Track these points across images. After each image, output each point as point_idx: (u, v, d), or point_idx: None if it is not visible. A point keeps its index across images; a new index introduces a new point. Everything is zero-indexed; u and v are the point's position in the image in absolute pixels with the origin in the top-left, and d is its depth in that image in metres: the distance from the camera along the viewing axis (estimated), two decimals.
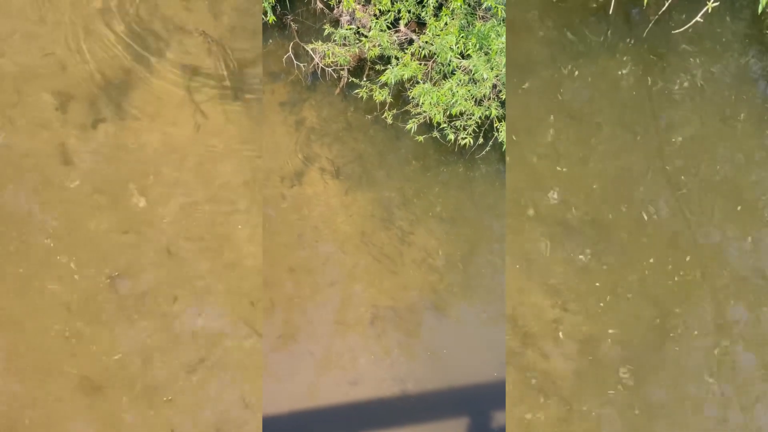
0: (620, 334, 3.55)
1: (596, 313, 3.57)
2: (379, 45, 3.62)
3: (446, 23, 3.56)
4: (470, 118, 3.59)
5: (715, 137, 3.82)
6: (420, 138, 3.70)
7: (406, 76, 3.59)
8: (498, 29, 3.48)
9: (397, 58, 3.66)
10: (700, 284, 3.64)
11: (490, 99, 3.59)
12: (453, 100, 3.54)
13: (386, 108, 3.72)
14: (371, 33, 3.61)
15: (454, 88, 3.53)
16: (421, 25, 3.72)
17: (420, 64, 3.62)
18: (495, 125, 3.60)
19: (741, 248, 3.69)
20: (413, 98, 3.64)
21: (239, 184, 3.59)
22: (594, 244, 3.64)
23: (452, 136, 3.63)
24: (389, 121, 3.72)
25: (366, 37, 3.64)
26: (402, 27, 3.70)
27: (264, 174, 3.67)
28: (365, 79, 3.75)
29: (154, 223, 3.52)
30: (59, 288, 3.42)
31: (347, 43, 3.68)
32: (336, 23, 3.75)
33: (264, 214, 3.63)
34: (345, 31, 3.66)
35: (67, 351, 3.36)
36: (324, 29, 3.68)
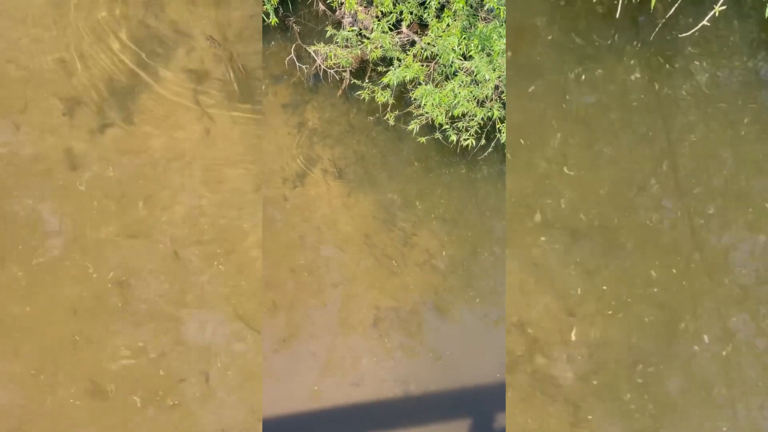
0: (628, 339, 3.53)
1: (604, 318, 3.55)
2: (381, 46, 3.62)
3: (448, 25, 3.55)
4: (472, 120, 3.58)
5: (722, 141, 3.79)
6: (422, 139, 3.70)
7: (409, 78, 3.60)
8: (500, 30, 3.47)
9: (399, 60, 3.66)
10: (708, 289, 3.61)
11: (493, 100, 3.58)
12: (455, 102, 3.53)
13: (388, 109, 3.72)
14: (373, 35, 3.62)
15: (456, 90, 3.52)
16: (423, 27, 3.72)
17: (422, 66, 3.62)
18: (497, 126, 3.59)
19: (749, 253, 3.66)
20: (415, 100, 3.64)
21: (246, 189, 3.61)
22: (602, 249, 3.63)
23: (454, 138, 3.63)
24: (391, 123, 3.72)
25: (368, 39, 3.64)
26: (404, 28, 3.70)
27: (265, 175, 3.69)
28: (367, 81, 3.76)
29: (161, 228, 3.54)
30: (67, 292, 3.43)
31: (349, 45, 3.68)
32: (338, 25, 3.76)
33: (266, 216, 3.64)
34: (347, 33, 3.66)
35: (75, 355, 3.38)
36: (326, 31, 3.69)
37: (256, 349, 3.44)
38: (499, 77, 3.51)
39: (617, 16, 3.78)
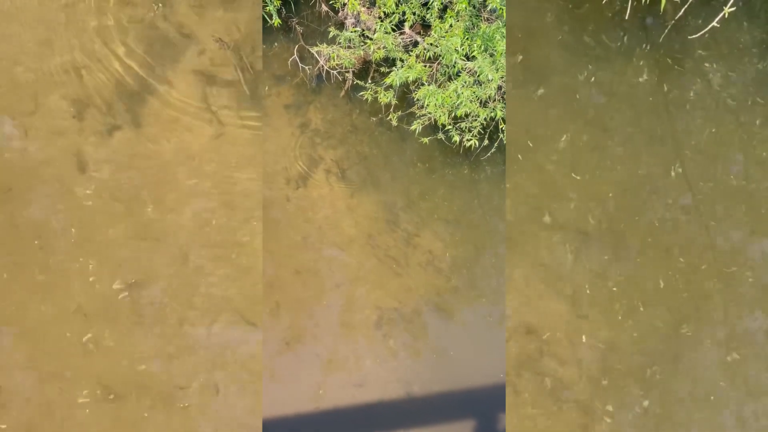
0: (637, 341, 3.51)
1: (613, 320, 3.54)
2: (384, 47, 3.62)
3: (451, 25, 3.54)
4: (475, 120, 3.58)
5: (732, 143, 3.78)
6: (425, 140, 3.69)
7: (411, 78, 3.59)
8: (503, 31, 3.46)
9: (402, 60, 3.65)
10: (718, 291, 3.60)
11: (495, 100, 3.57)
12: (458, 102, 3.53)
13: (391, 110, 3.72)
14: (376, 35, 3.62)
15: (459, 90, 3.51)
16: (426, 27, 3.71)
17: (425, 66, 3.62)
18: (500, 127, 3.58)
19: (758, 255, 3.63)
20: (418, 100, 3.63)
21: (256, 191, 3.61)
22: (611, 251, 3.62)
23: (457, 138, 3.62)
24: (394, 123, 3.72)
25: (371, 40, 3.64)
26: (407, 29, 3.70)
27: (267, 176, 3.70)
28: (370, 82, 3.76)
29: (171, 231, 3.54)
30: (76, 295, 3.44)
31: (352, 46, 3.68)
32: (341, 26, 3.76)
33: (269, 217, 3.65)
34: (350, 34, 3.66)
35: (85, 358, 3.38)
36: (329, 32, 3.69)
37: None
38: (502, 77, 3.50)
39: (626, 18, 3.77)
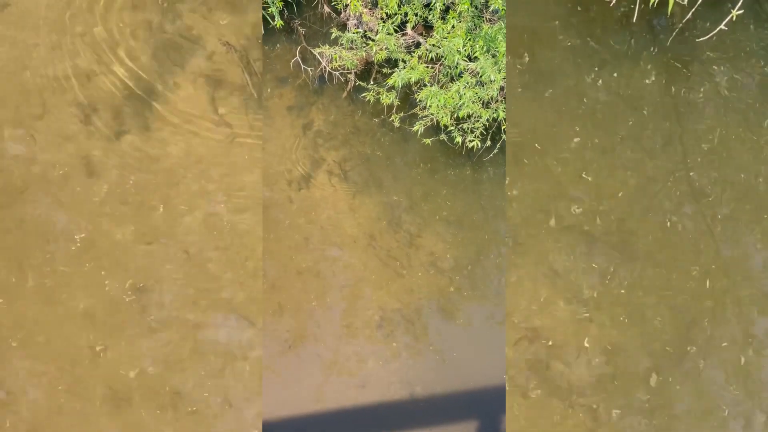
0: (645, 343, 3.50)
1: (621, 323, 3.53)
2: (386, 48, 3.62)
3: (453, 26, 3.55)
4: (477, 121, 3.57)
5: (740, 145, 3.77)
6: (427, 141, 3.69)
7: (414, 79, 3.59)
8: (505, 32, 3.45)
9: (405, 61, 3.66)
10: (725, 294, 3.59)
11: (498, 101, 3.56)
12: (460, 103, 3.53)
13: (393, 111, 3.72)
14: (378, 36, 3.62)
15: (462, 91, 3.51)
16: (428, 28, 3.72)
17: (427, 67, 3.62)
18: (503, 128, 3.57)
19: (766, 258, 3.58)
20: (420, 101, 3.64)
21: (259, 193, 3.63)
22: (618, 253, 3.61)
23: (459, 139, 3.62)
24: (396, 124, 3.72)
25: (373, 41, 3.65)
26: (409, 30, 3.70)
27: (270, 177, 3.71)
28: (372, 83, 3.76)
29: (179, 234, 3.55)
30: (84, 299, 3.44)
31: (354, 47, 3.69)
32: (343, 27, 3.77)
33: (272, 218, 3.66)
34: (352, 35, 3.67)
35: (92, 362, 3.39)
36: (331, 33, 3.70)
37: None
38: (504, 78, 3.49)
39: (634, 21, 3.75)
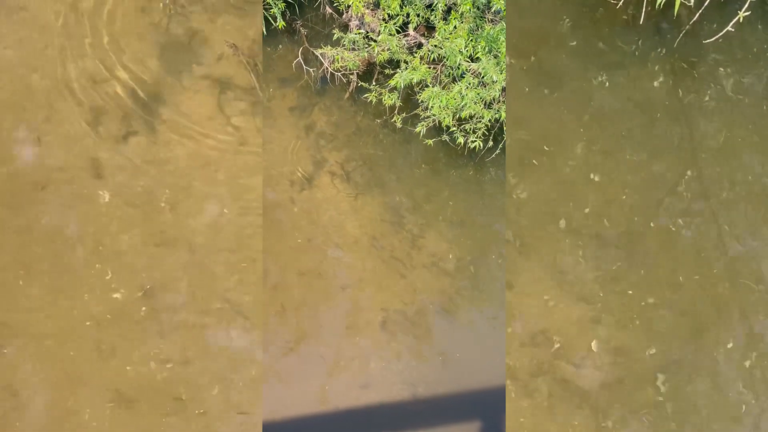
0: (653, 345, 3.50)
1: (629, 324, 3.52)
2: (388, 49, 3.63)
3: (455, 27, 3.55)
4: (480, 121, 3.57)
5: (747, 147, 3.76)
6: (429, 141, 3.69)
7: (416, 80, 3.59)
8: (505, 32, 3.44)
9: (407, 62, 3.66)
10: (733, 296, 3.58)
11: (500, 102, 3.56)
12: (462, 103, 3.52)
13: (395, 112, 3.72)
14: (380, 37, 3.63)
15: (464, 91, 3.51)
16: (430, 29, 3.72)
17: (429, 68, 3.62)
18: (505, 128, 3.56)
19: None
20: (422, 102, 3.64)
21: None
22: (626, 255, 3.61)
23: (462, 140, 3.62)
24: (398, 125, 3.72)
25: (375, 42, 3.65)
26: (411, 31, 3.70)
27: (272, 178, 3.72)
28: (374, 83, 3.76)
29: (186, 237, 3.55)
30: (92, 301, 3.45)
31: (356, 48, 3.69)
32: (345, 28, 3.77)
33: (274, 219, 3.67)
34: (354, 36, 3.68)
35: (100, 364, 3.39)
36: (333, 34, 3.70)
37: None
38: (506, 79, 3.48)
39: (641, 23, 3.74)
